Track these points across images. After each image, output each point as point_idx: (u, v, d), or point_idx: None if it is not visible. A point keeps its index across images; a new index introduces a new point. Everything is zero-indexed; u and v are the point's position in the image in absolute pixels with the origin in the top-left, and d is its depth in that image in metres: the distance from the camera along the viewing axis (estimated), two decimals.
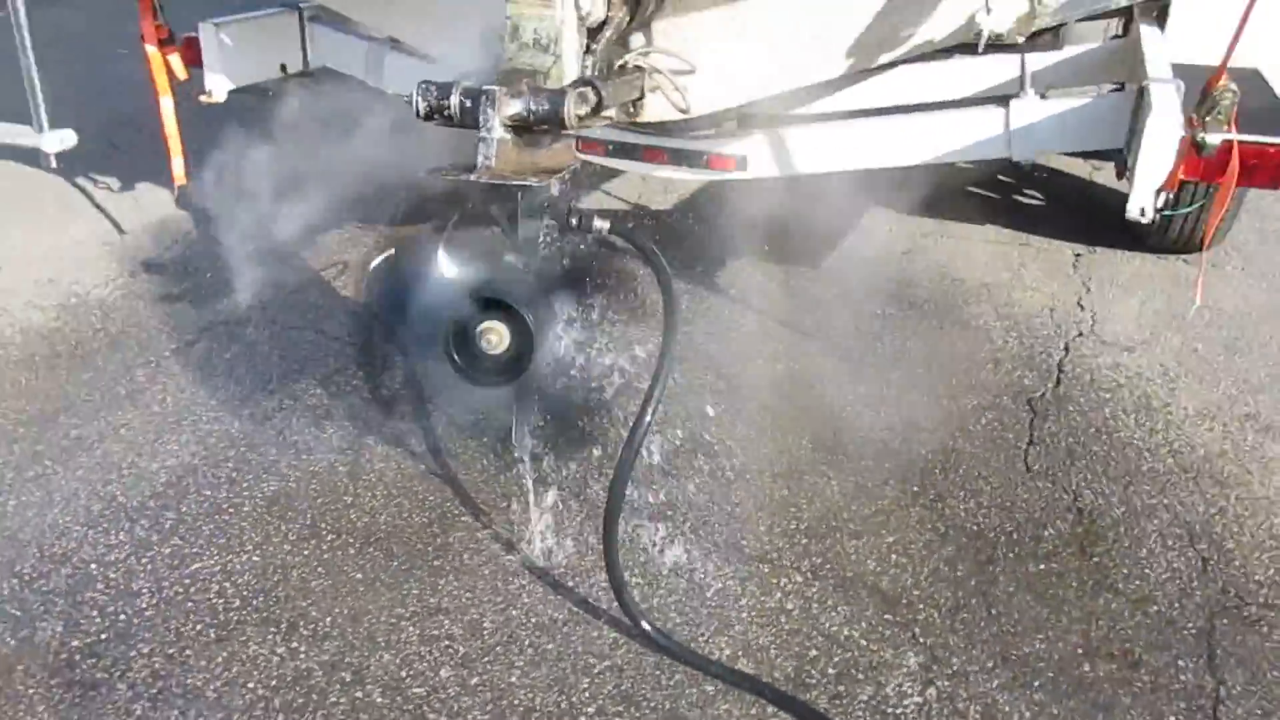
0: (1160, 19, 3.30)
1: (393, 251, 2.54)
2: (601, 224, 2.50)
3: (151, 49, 3.58)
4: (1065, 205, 5.18)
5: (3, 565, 2.63)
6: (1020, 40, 2.80)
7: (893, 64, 3.43)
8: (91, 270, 4.19)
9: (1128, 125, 2.98)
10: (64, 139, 2.99)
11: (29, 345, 3.64)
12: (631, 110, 2.77)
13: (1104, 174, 5.37)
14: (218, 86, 3.75)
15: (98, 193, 4.94)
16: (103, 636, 2.43)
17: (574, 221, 2.47)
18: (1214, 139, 2.51)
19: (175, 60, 3.67)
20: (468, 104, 2.06)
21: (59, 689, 2.29)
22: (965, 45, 3.25)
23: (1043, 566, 2.76)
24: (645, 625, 2.41)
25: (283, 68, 3.96)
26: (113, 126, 5.62)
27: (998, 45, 3.10)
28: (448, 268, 2.17)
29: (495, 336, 2.13)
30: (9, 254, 4.23)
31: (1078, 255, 4.64)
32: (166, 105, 3.67)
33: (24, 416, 3.22)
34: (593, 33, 2.45)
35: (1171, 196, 2.82)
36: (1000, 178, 5.45)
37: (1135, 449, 3.25)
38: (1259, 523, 2.93)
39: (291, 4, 3.96)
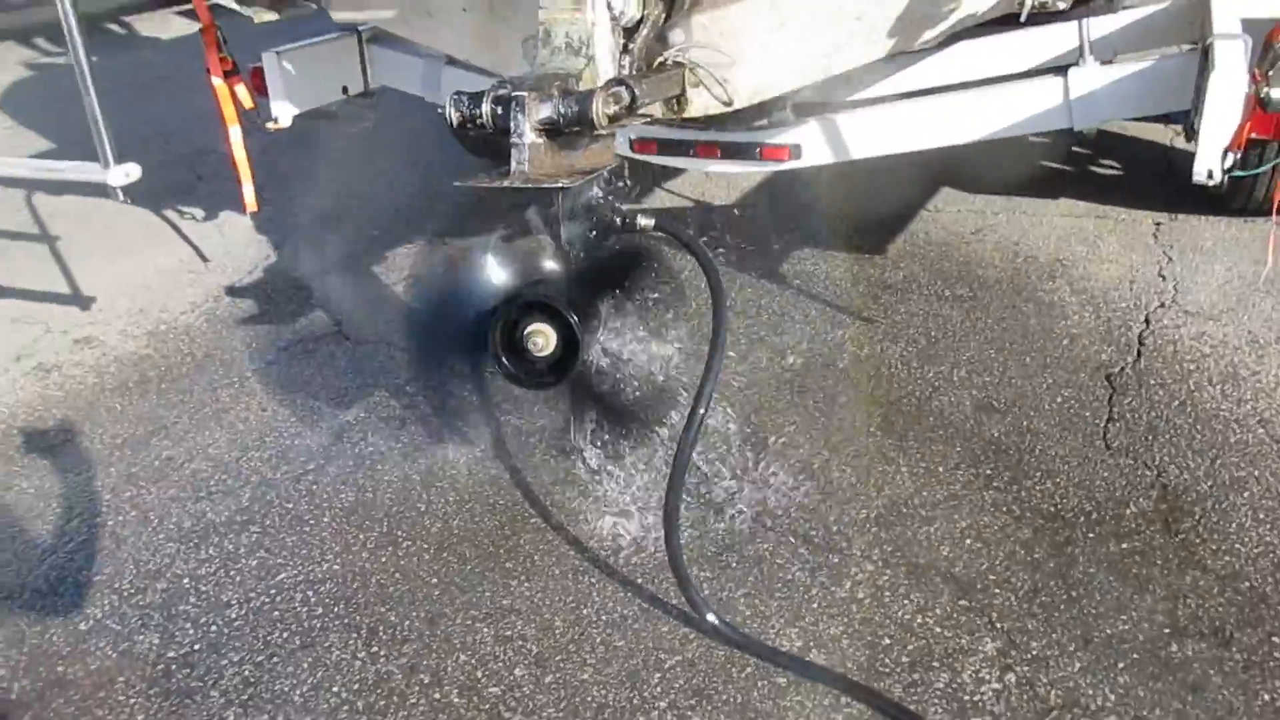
0: None
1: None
2: (646, 221, 2.51)
3: (218, 81, 3.73)
4: (1144, 173, 5.01)
5: (103, 582, 2.77)
6: (1063, 7, 2.72)
7: (945, 42, 3.37)
8: (178, 298, 4.37)
9: (1194, 86, 2.89)
10: (129, 173, 3.12)
11: (122, 373, 3.82)
12: (676, 107, 2.78)
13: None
14: (283, 113, 3.88)
15: (183, 223, 5.17)
16: (196, 647, 2.54)
17: (618, 219, 2.49)
18: (1279, 93, 2.41)
19: (242, 90, 3.81)
20: (499, 111, 2.09)
21: (157, 698, 2.40)
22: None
23: (1125, 545, 2.67)
24: (711, 618, 2.42)
25: (344, 90, 4.08)
26: (196, 158, 5.88)
27: (1052, 14, 3.03)
28: (492, 272, 2.21)
29: (542, 339, 2.16)
30: (103, 286, 4.45)
31: (1158, 224, 4.48)
32: (235, 135, 3.81)
33: (118, 441, 3.39)
34: (629, 32, 2.47)
35: (1239, 156, 2.70)
36: (1075, 149, 5.30)
37: (1222, 420, 3.13)
38: None
39: (350, 28, 4.08)
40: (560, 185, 2.02)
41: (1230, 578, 2.55)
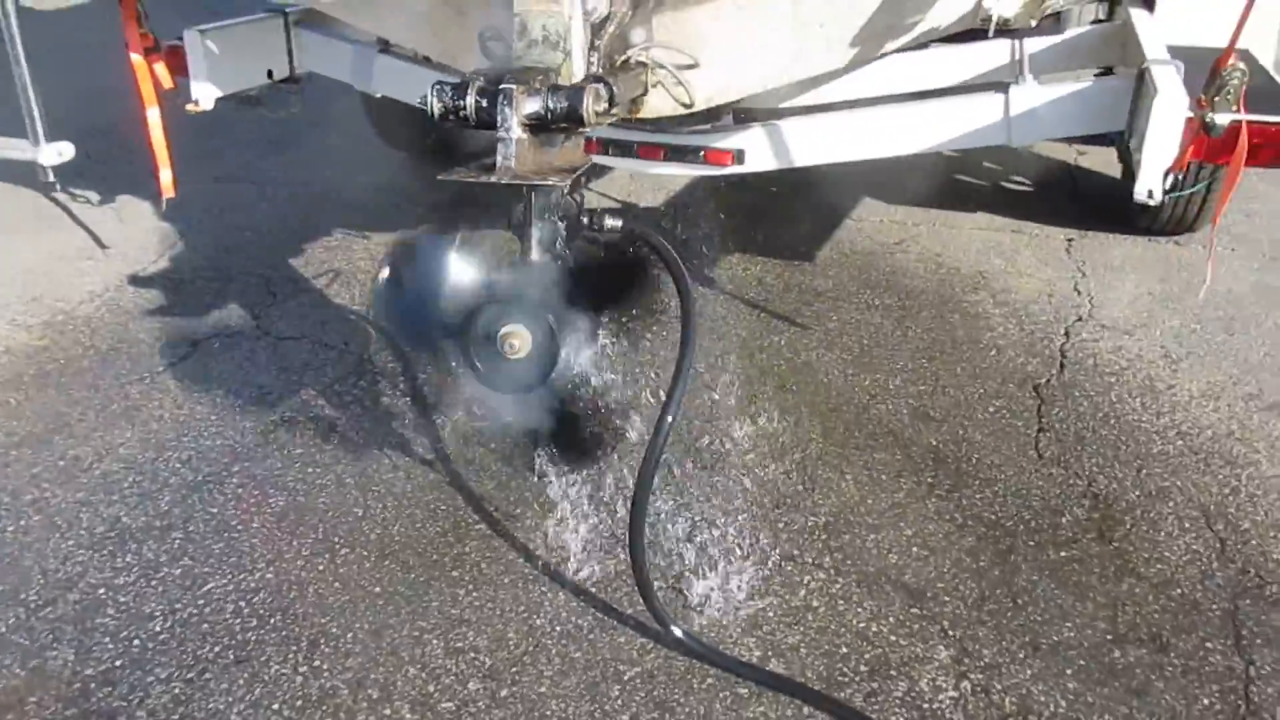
0: (1148, 1, 3.31)
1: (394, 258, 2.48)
2: (614, 222, 2.45)
3: (137, 57, 3.48)
4: (1053, 190, 5.20)
5: (6, 593, 2.55)
6: (1032, 24, 2.78)
7: (890, 53, 3.41)
8: (76, 286, 4.09)
9: (1128, 109, 2.99)
10: (61, 151, 2.91)
11: (15, 365, 3.54)
12: (633, 106, 2.73)
13: (1089, 158, 5.40)
14: (204, 95, 3.66)
15: (76, 206, 4.85)
16: (117, 663, 2.36)
17: (586, 221, 2.43)
18: (1222, 119, 2.51)
19: (161, 69, 3.57)
20: (484, 104, 2.00)
21: (75, 719, 2.22)
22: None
23: (1064, 553, 2.75)
24: (676, 630, 2.38)
25: (269, 74, 3.88)
26: (87, 137, 5.44)
27: (1010, 32, 3.09)
28: (464, 272, 2.13)
29: (518, 341, 2.09)
30: None
31: (1070, 240, 4.65)
32: (153, 116, 3.57)
33: (15, 438, 3.14)
34: (596, 28, 2.42)
35: (1178, 178, 2.81)
36: (986, 164, 5.47)
37: (1144, 432, 3.25)
38: (1272, 502, 2.94)
39: (277, 9, 3.89)
40: (549, 183, 1.95)
41: (1163, 585, 2.65)
